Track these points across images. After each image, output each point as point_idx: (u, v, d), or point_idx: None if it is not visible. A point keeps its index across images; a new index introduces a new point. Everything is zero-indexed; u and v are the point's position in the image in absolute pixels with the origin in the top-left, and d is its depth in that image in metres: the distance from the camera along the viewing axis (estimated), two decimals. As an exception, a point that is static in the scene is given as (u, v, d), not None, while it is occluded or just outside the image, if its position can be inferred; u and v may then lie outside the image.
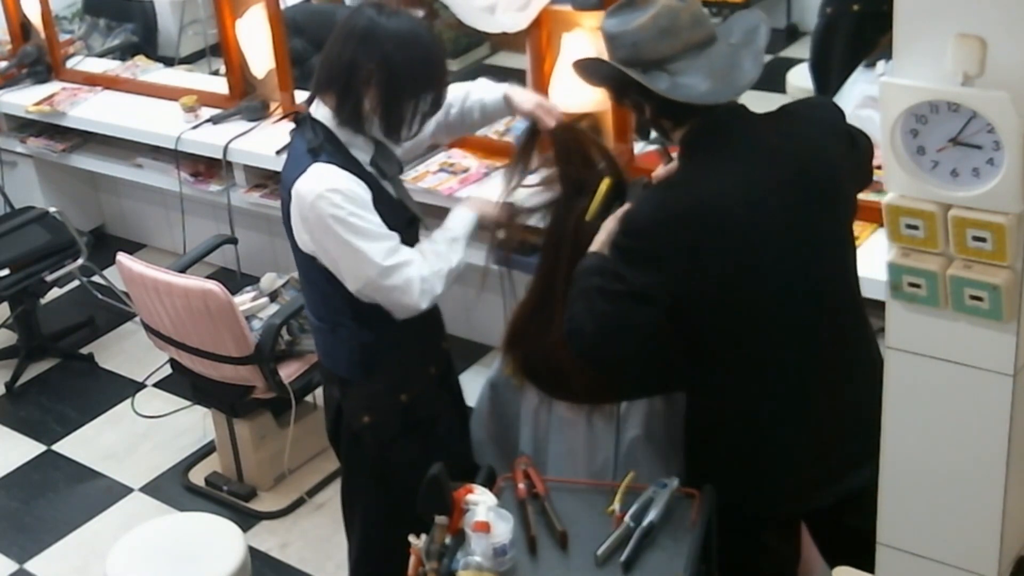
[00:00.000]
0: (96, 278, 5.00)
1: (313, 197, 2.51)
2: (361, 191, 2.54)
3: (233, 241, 4.24)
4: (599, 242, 2.41)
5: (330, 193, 2.50)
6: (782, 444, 2.41)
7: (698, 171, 2.28)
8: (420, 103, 2.57)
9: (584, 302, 2.29)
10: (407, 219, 2.69)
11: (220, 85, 4.64)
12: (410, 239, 2.69)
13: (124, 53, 5.53)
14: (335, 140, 2.59)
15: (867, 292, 2.46)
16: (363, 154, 2.62)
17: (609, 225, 2.42)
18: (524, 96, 2.83)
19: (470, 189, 3.69)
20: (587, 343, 2.29)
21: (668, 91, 2.21)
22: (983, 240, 1.87)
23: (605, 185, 2.53)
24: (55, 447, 4.23)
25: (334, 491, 3.77)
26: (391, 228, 2.58)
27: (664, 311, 2.26)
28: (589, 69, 2.36)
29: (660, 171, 2.43)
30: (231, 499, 3.86)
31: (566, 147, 2.67)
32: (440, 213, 3.70)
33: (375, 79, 2.52)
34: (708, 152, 2.28)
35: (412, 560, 2.31)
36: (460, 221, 2.75)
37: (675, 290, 2.24)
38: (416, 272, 2.58)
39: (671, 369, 2.44)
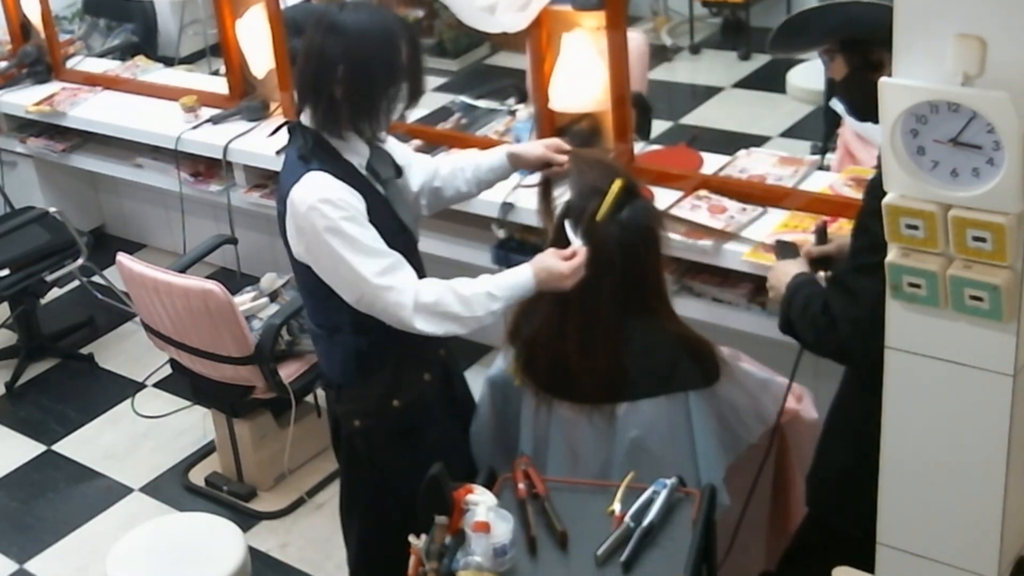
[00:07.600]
0: (96, 278, 4.99)
1: (305, 208, 2.48)
2: (355, 201, 2.50)
3: (233, 241, 4.24)
4: (789, 274, 2.44)
5: (322, 204, 2.47)
6: None
7: None
8: (393, 95, 2.53)
9: (840, 297, 2.26)
10: (396, 228, 2.63)
11: (220, 85, 4.64)
12: (400, 250, 2.68)
13: (124, 53, 5.54)
14: (326, 145, 2.56)
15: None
16: (358, 157, 2.59)
17: (789, 268, 2.46)
18: (529, 145, 2.83)
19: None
20: (863, 325, 2.20)
21: None
22: (983, 240, 1.87)
23: (617, 186, 2.53)
24: (55, 447, 4.24)
25: (334, 491, 3.76)
26: (383, 237, 2.54)
27: None
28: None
29: (811, 249, 2.48)
30: (231, 499, 3.86)
31: (584, 167, 2.67)
32: (440, 214, 3.72)
33: (341, 76, 2.48)
34: None
35: (412, 560, 2.31)
36: (514, 282, 2.55)
37: None
38: (410, 299, 2.50)
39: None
